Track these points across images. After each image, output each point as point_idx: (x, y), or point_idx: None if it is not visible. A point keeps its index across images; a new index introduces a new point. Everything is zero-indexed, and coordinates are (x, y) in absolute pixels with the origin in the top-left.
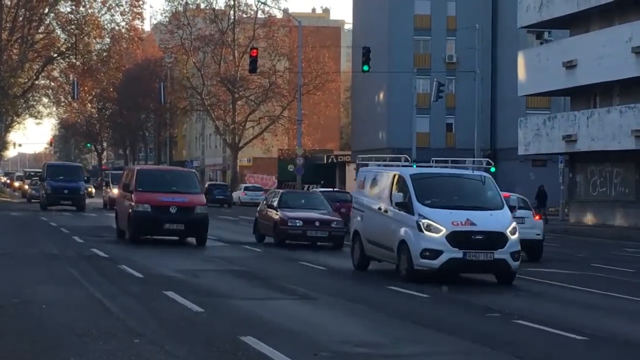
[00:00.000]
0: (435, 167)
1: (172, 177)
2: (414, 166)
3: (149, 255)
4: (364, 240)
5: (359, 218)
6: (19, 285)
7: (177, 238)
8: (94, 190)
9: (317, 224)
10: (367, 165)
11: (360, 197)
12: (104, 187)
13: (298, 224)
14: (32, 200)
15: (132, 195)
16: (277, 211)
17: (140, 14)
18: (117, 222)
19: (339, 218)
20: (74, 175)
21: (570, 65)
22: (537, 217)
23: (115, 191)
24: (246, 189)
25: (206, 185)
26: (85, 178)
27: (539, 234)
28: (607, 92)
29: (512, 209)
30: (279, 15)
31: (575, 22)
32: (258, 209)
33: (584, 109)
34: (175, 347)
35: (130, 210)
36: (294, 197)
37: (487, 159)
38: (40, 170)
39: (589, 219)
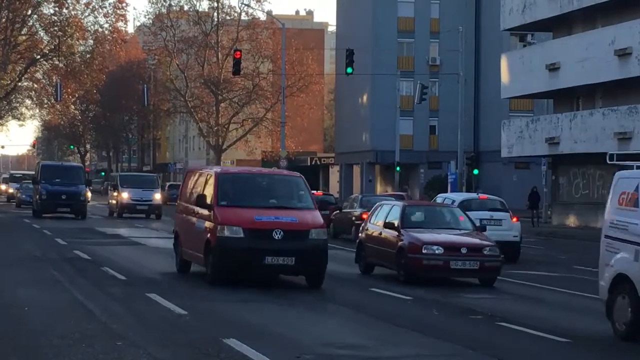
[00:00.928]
0: None
1: (271, 185)
2: None
3: (132, 257)
4: None
5: (626, 255)
6: (0, 287)
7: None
8: (90, 195)
9: (463, 250)
10: (633, 168)
11: (632, 222)
12: (109, 191)
13: (437, 252)
14: (22, 206)
15: (213, 213)
16: (399, 233)
17: (123, 15)
18: (181, 248)
19: (492, 242)
20: (73, 177)
21: (553, 68)
22: (514, 219)
23: (125, 195)
24: None
25: (166, 186)
26: (86, 180)
27: (516, 236)
28: (589, 95)
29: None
30: (262, 17)
31: (558, 25)
32: (361, 227)
33: (566, 111)
34: (158, 350)
35: (209, 236)
36: (420, 211)
37: None
38: (32, 172)
39: (571, 221)
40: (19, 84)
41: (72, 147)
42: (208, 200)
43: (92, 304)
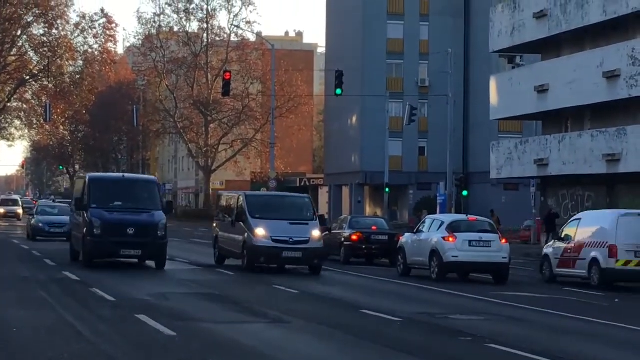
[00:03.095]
0: None
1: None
2: None
3: (121, 278)
4: None
5: None
6: None
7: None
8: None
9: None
10: None
11: None
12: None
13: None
14: (38, 238)
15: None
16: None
17: (113, 36)
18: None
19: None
20: (144, 198)
21: (542, 90)
22: (503, 241)
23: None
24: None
25: None
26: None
27: (505, 257)
28: (578, 117)
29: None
30: (252, 38)
31: (547, 47)
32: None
33: (555, 133)
34: None
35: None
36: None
37: None
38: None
39: None
40: (8, 104)
41: (61, 167)
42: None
43: (81, 325)
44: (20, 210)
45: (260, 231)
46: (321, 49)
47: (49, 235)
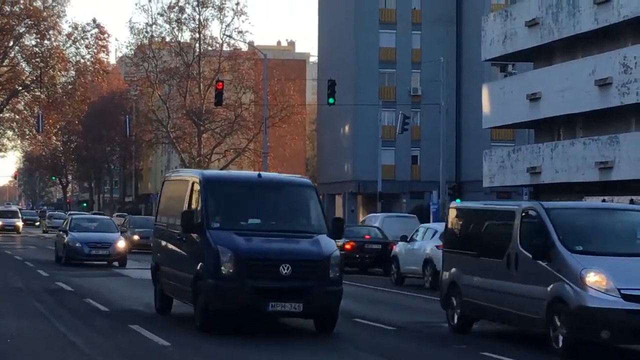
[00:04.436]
0: None
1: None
2: None
3: (114, 288)
4: None
5: None
6: None
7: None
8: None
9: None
10: None
11: None
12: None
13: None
14: (73, 262)
15: None
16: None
17: (105, 46)
18: None
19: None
20: (298, 214)
21: (534, 98)
22: None
23: (136, 237)
24: None
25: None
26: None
27: None
28: (570, 125)
29: None
30: (244, 48)
31: (539, 55)
32: None
33: (547, 141)
34: None
35: None
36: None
37: None
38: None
39: None
40: (1, 115)
41: (53, 178)
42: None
43: (75, 336)
44: (19, 223)
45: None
46: (313, 58)
47: (89, 258)
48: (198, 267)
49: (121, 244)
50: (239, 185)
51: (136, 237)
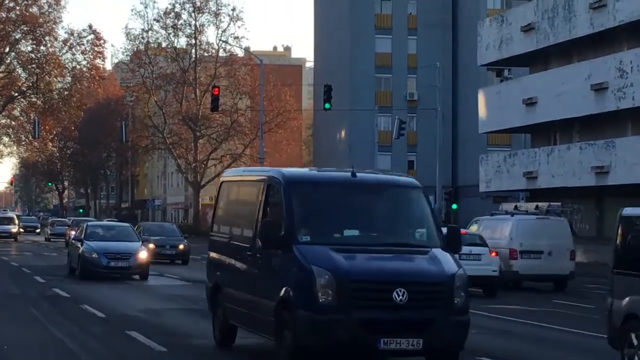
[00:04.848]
0: None
1: None
2: None
3: (111, 294)
4: None
5: None
6: None
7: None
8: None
9: None
10: None
11: None
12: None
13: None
14: (89, 274)
15: None
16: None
17: (101, 52)
18: None
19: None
20: (407, 223)
21: (530, 103)
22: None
23: (151, 246)
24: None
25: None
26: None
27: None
28: (566, 129)
29: None
30: (240, 53)
31: (535, 60)
32: None
33: (544, 145)
34: None
35: None
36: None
37: None
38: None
39: None
40: None
41: (50, 184)
42: None
43: (72, 342)
44: (15, 230)
45: None
46: (309, 64)
47: (109, 271)
48: (282, 293)
49: (143, 255)
50: (331, 188)
51: (151, 246)
